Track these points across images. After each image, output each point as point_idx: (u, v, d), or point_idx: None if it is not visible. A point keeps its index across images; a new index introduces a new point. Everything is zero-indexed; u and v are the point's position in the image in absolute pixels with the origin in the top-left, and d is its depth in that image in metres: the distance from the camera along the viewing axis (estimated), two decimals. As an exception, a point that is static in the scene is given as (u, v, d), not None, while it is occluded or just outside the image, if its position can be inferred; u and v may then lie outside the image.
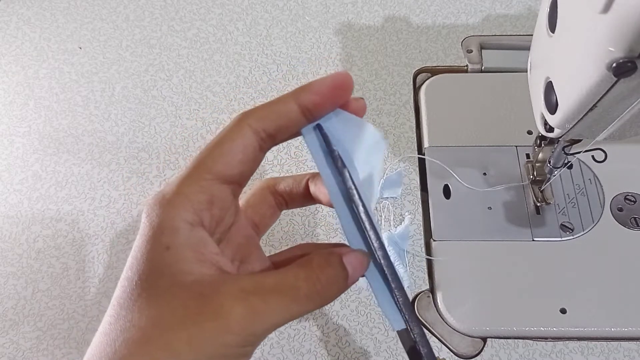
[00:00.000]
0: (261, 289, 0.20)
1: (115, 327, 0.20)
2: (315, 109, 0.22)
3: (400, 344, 0.47)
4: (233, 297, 0.20)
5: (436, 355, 0.45)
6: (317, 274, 0.21)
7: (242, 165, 0.22)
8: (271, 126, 0.22)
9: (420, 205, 0.53)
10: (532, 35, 0.40)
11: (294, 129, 0.23)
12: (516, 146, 0.55)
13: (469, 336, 0.47)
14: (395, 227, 0.52)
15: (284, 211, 0.29)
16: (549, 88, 0.35)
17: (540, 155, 0.48)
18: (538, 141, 0.47)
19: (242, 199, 0.26)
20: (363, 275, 0.24)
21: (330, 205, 0.24)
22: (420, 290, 0.49)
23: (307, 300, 0.21)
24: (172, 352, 0.19)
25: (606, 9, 0.26)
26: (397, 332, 0.23)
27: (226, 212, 0.23)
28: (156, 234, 0.21)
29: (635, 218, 0.50)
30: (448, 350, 0.46)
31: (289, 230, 0.53)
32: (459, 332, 0.47)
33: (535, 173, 0.50)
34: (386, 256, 0.23)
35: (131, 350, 0.19)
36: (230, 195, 0.22)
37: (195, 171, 0.21)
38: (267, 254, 0.27)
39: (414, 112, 0.60)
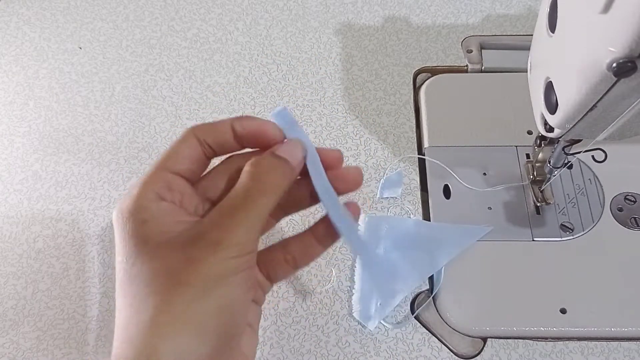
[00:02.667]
0: (225, 207, 0.25)
1: (127, 299, 0.23)
2: (243, 140, 0.27)
3: (396, 346, 0.47)
4: (209, 226, 0.24)
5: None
6: (256, 169, 0.25)
7: (189, 163, 0.26)
8: (210, 139, 0.26)
9: (421, 206, 0.53)
10: (532, 35, 0.40)
11: (229, 148, 0.27)
12: (516, 146, 0.55)
13: (469, 336, 0.47)
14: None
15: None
16: (549, 88, 0.35)
17: (540, 155, 0.48)
18: (538, 141, 0.47)
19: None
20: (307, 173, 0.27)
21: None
22: (420, 290, 0.49)
23: (260, 192, 0.25)
24: (181, 286, 0.23)
25: (606, 9, 0.26)
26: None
27: (192, 199, 0.26)
28: (131, 216, 0.24)
29: (635, 218, 0.50)
30: (448, 350, 0.46)
31: (289, 231, 0.53)
32: (459, 332, 0.47)
33: (535, 173, 0.50)
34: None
35: (148, 306, 0.23)
36: (186, 183, 0.26)
37: (152, 169, 0.26)
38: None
39: (414, 112, 0.60)
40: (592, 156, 0.49)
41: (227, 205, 0.25)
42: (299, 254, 0.28)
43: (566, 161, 0.45)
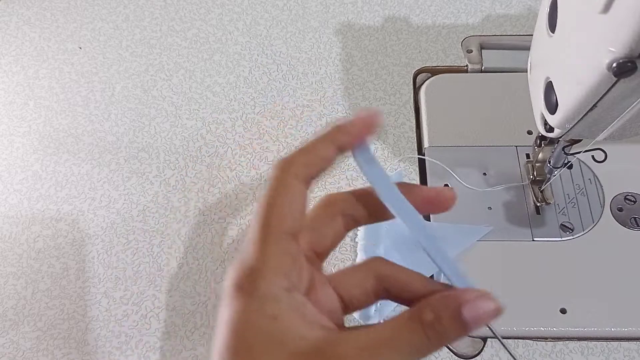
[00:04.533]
0: (377, 344, 0.20)
1: None
2: (349, 148, 0.23)
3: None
4: (351, 355, 0.19)
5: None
6: (431, 331, 0.20)
7: (302, 216, 0.21)
8: (315, 171, 0.22)
9: (420, 205, 0.53)
10: (532, 35, 0.40)
11: (332, 168, 0.23)
12: (516, 146, 0.55)
13: (468, 336, 0.47)
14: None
15: None
16: (549, 88, 0.35)
17: (540, 155, 0.48)
18: (538, 141, 0.47)
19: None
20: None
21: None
22: (420, 290, 0.49)
23: (421, 352, 0.20)
24: None
25: (606, 9, 0.26)
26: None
27: (302, 266, 0.22)
28: (258, 305, 0.19)
29: (635, 218, 0.50)
30: (448, 350, 0.46)
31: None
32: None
33: (535, 173, 0.50)
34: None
35: None
36: (299, 248, 0.22)
37: (269, 233, 0.20)
38: None
39: (414, 112, 0.60)
40: (592, 156, 0.49)
41: (377, 345, 0.19)
42: (394, 289, 0.24)
43: (566, 161, 0.45)
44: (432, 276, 0.49)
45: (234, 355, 0.19)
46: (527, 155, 0.54)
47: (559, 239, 0.50)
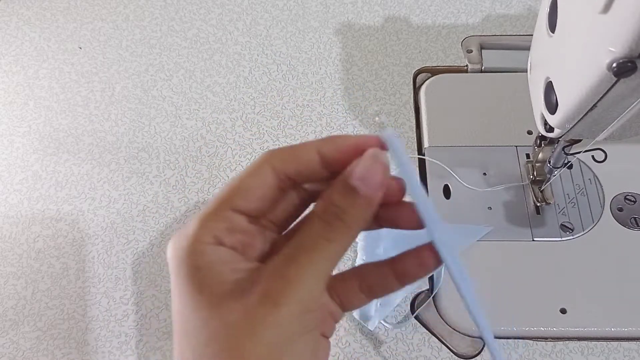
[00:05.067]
0: (287, 255, 0.21)
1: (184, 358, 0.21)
2: (335, 164, 0.22)
3: (396, 346, 0.47)
4: (268, 278, 0.21)
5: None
6: (327, 215, 0.21)
7: (259, 201, 0.22)
8: (291, 169, 0.22)
9: (420, 205, 0.53)
10: (532, 35, 0.40)
11: (313, 177, 0.23)
12: (516, 146, 0.55)
13: (469, 336, 0.46)
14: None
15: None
16: (549, 88, 0.35)
17: (540, 155, 0.48)
18: (538, 141, 0.47)
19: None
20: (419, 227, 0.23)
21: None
22: (420, 290, 0.49)
23: (330, 239, 0.21)
24: (241, 355, 0.20)
25: (606, 9, 0.26)
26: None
27: (254, 239, 0.23)
28: (186, 259, 0.21)
29: (635, 218, 0.50)
30: (448, 350, 0.46)
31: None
32: (459, 332, 0.46)
33: (535, 173, 0.50)
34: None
35: None
36: (252, 225, 0.23)
37: (214, 205, 0.22)
38: None
39: (414, 112, 0.60)
40: (592, 156, 0.49)
41: (289, 254, 0.21)
42: (375, 285, 0.25)
43: (566, 161, 0.45)
44: (432, 276, 0.49)
45: (173, 300, 0.22)
46: (527, 155, 0.54)
47: (559, 239, 0.50)
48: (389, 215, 0.23)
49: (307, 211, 0.24)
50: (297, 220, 0.25)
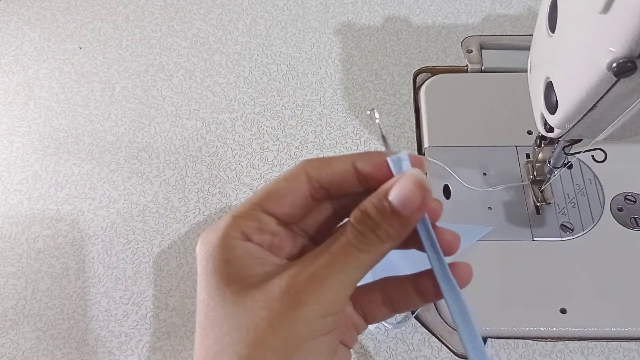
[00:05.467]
0: (318, 255, 0.21)
1: (203, 348, 0.22)
2: (370, 180, 0.23)
3: (396, 346, 0.47)
4: (294, 276, 0.21)
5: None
6: (362, 227, 0.21)
7: (291, 207, 0.23)
8: (325, 179, 0.23)
9: (420, 205, 0.53)
10: (532, 35, 0.40)
11: (347, 189, 0.23)
12: (516, 146, 0.55)
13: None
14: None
15: None
16: (549, 88, 0.35)
17: (540, 155, 0.48)
18: (538, 141, 0.47)
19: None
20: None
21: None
22: (420, 290, 0.49)
23: (362, 251, 0.21)
24: (261, 348, 0.20)
25: (606, 9, 0.26)
26: None
27: (283, 241, 0.23)
28: (215, 252, 0.22)
29: (635, 218, 0.50)
30: (448, 350, 0.46)
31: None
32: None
33: (535, 173, 0.50)
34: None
35: None
36: (282, 229, 0.23)
37: (247, 205, 0.23)
38: None
39: (414, 112, 0.60)
40: (592, 156, 0.49)
41: (320, 254, 0.21)
42: (397, 300, 0.25)
43: (566, 161, 0.45)
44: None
45: (199, 292, 0.23)
46: (527, 155, 0.54)
47: (559, 239, 0.50)
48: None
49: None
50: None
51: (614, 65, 0.27)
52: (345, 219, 0.23)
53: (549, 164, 0.46)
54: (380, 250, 0.22)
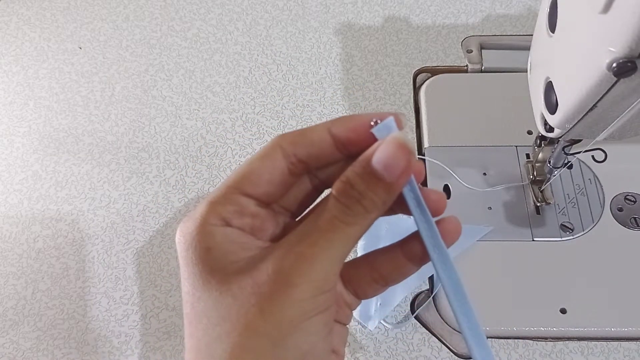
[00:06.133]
0: (302, 235, 0.21)
1: (194, 339, 0.21)
2: (349, 145, 0.22)
3: (396, 346, 0.47)
4: (280, 258, 0.20)
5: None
6: (345, 198, 0.20)
7: (269, 186, 0.22)
8: (302, 152, 0.22)
9: (420, 205, 0.53)
10: (532, 35, 0.40)
11: (326, 159, 0.22)
12: (516, 146, 0.55)
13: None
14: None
15: None
16: (549, 88, 0.35)
17: (540, 155, 0.48)
18: (538, 141, 0.47)
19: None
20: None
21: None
22: (420, 290, 0.49)
23: (348, 223, 0.21)
24: (253, 334, 0.20)
25: (606, 9, 0.26)
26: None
27: (264, 222, 0.23)
28: (194, 241, 0.21)
29: (635, 218, 0.50)
30: (448, 350, 0.46)
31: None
32: (459, 332, 0.47)
33: (535, 173, 0.50)
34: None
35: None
36: (262, 209, 0.22)
37: (223, 189, 0.22)
38: None
39: (414, 112, 0.60)
40: (592, 156, 0.49)
41: (305, 232, 0.21)
42: (388, 272, 0.24)
43: (566, 161, 0.45)
44: (432, 276, 0.49)
45: (183, 284, 0.22)
46: (527, 155, 0.54)
47: (559, 239, 0.50)
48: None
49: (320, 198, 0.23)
50: (311, 207, 0.24)
51: (614, 65, 0.27)
52: (327, 190, 0.22)
53: (549, 164, 0.46)
54: (367, 221, 0.21)
